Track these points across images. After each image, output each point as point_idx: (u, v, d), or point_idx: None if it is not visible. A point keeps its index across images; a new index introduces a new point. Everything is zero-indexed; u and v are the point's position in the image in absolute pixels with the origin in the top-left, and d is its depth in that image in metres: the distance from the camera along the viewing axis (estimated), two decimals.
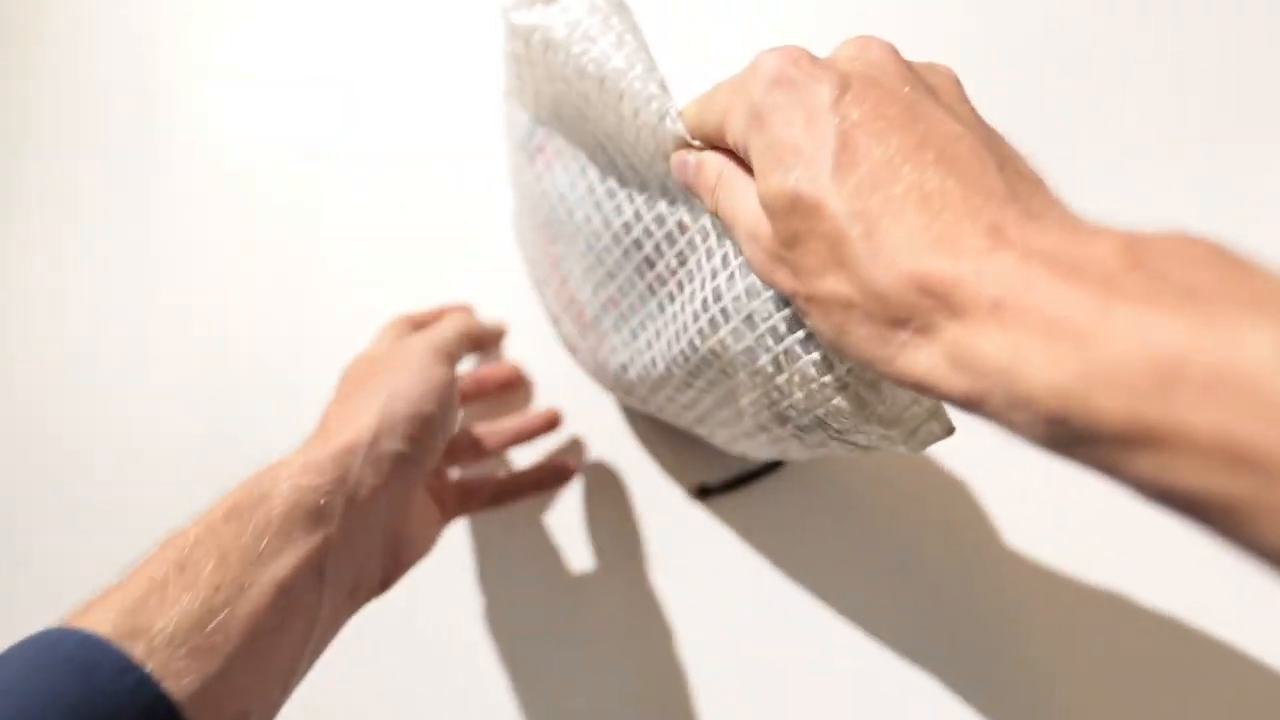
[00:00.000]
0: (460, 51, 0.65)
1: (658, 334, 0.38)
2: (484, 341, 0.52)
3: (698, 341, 0.34)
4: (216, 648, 0.28)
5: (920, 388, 0.23)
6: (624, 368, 0.42)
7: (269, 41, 0.69)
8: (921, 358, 0.22)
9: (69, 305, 0.64)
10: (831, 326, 0.25)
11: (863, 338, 0.24)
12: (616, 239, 0.38)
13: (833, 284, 0.24)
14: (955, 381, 0.21)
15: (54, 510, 0.59)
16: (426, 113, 0.66)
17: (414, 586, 0.42)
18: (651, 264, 0.37)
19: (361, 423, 0.36)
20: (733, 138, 0.27)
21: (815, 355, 0.29)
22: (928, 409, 0.30)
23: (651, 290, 0.38)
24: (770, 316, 0.30)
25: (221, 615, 0.29)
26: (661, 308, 0.38)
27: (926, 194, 0.22)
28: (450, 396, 0.40)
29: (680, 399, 0.41)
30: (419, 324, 0.49)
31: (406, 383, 0.38)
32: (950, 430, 0.30)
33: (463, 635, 0.53)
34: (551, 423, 0.53)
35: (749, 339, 0.31)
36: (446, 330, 0.44)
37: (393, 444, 0.36)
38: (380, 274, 0.60)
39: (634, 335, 0.41)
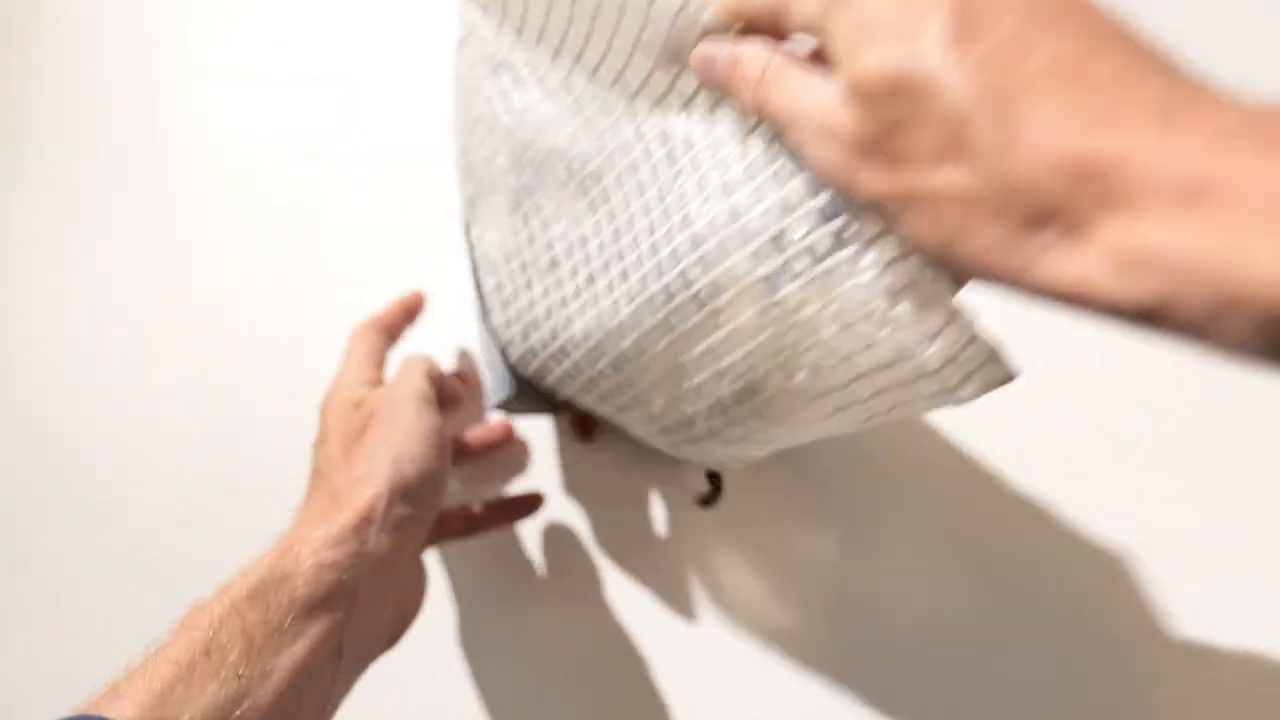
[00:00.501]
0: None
1: (625, 273, 0.33)
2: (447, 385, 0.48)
3: (693, 273, 0.29)
4: None
5: (1069, 299, 0.19)
6: (558, 329, 0.37)
7: (269, 41, 0.69)
8: (1072, 262, 0.19)
9: (69, 305, 0.64)
10: (941, 232, 0.21)
11: (986, 243, 0.20)
12: (610, 160, 0.33)
13: (948, 177, 0.20)
14: (1124, 288, 0.18)
15: (54, 510, 0.59)
16: (426, 113, 0.66)
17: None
18: (643, 189, 0.32)
19: (375, 489, 0.35)
20: (801, 18, 0.24)
21: (866, 277, 0.25)
22: (986, 350, 0.25)
23: (631, 222, 0.32)
24: (807, 234, 0.26)
25: (246, 704, 0.29)
26: (638, 241, 0.32)
27: (1071, 69, 0.19)
28: (446, 448, 0.39)
29: (618, 372, 0.35)
30: (389, 327, 0.46)
31: (407, 440, 0.37)
32: (1010, 376, 0.26)
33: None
34: (534, 505, 0.50)
35: (772, 263, 0.27)
36: (420, 376, 0.41)
37: (405, 509, 0.35)
38: (380, 274, 0.60)
39: (591, 281, 0.35)
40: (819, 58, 0.25)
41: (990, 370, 0.25)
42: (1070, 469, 0.49)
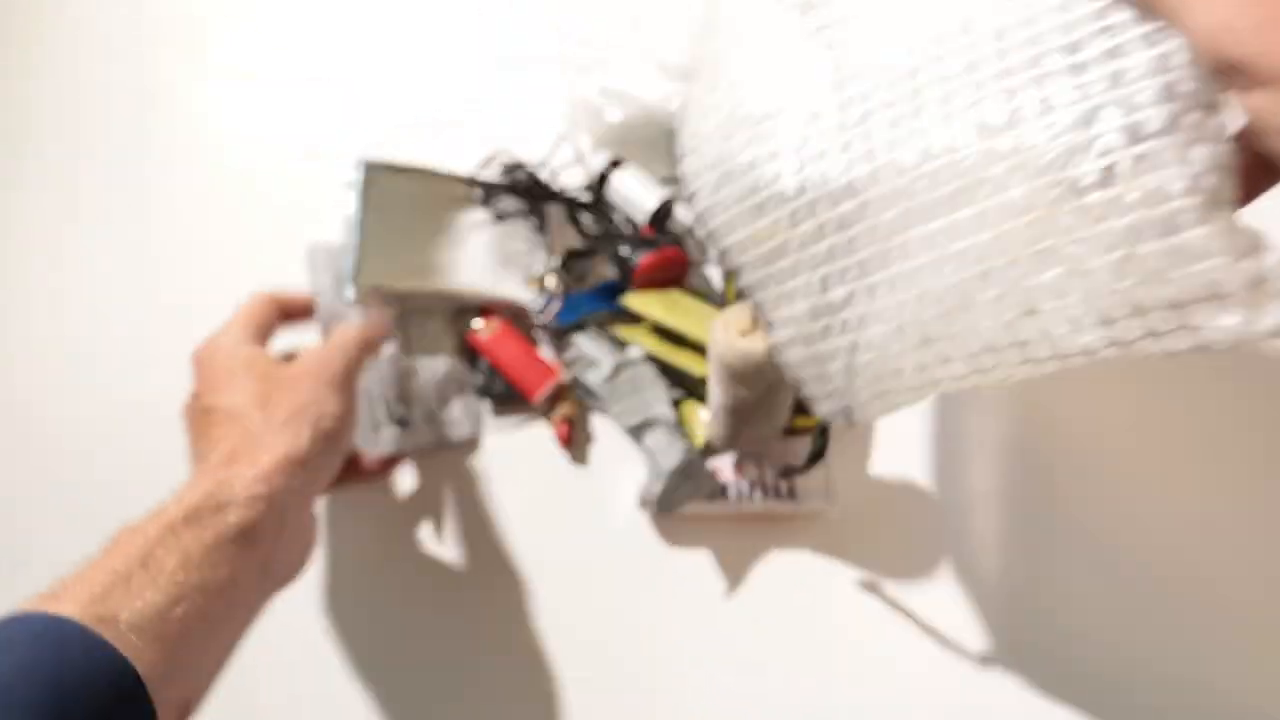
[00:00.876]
0: (463, 49, 0.65)
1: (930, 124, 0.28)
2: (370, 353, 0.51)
3: (966, 139, 0.26)
4: (173, 636, 0.31)
5: None
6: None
7: (269, 41, 0.69)
8: None
9: (69, 305, 0.64)
10: None
11: None
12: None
13: None
14: None
15: (54, 510, 0.59)
16: (425, 113, 0.66)
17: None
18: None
19: (300, 435, 0.39)
20: None
21: (1189, 169, 0.22)
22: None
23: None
24: (1132, 112, 0.23)
25: (180, 609, 0.31)
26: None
27: None
28: (353, 416, 0.44)
29: (841, 231, 0.31)
30: (286, 307, 0.50)
31: (329, 399, 0.42)
32: None
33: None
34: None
35: (1075, 137, 0.24)
36: (350, 349, 0.46)
37: (326, 458, 0.41)
38: None
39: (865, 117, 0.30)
40: None
41: None
42: None
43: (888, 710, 0.55)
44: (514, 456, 0.59)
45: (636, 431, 0.55)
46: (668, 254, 0.57)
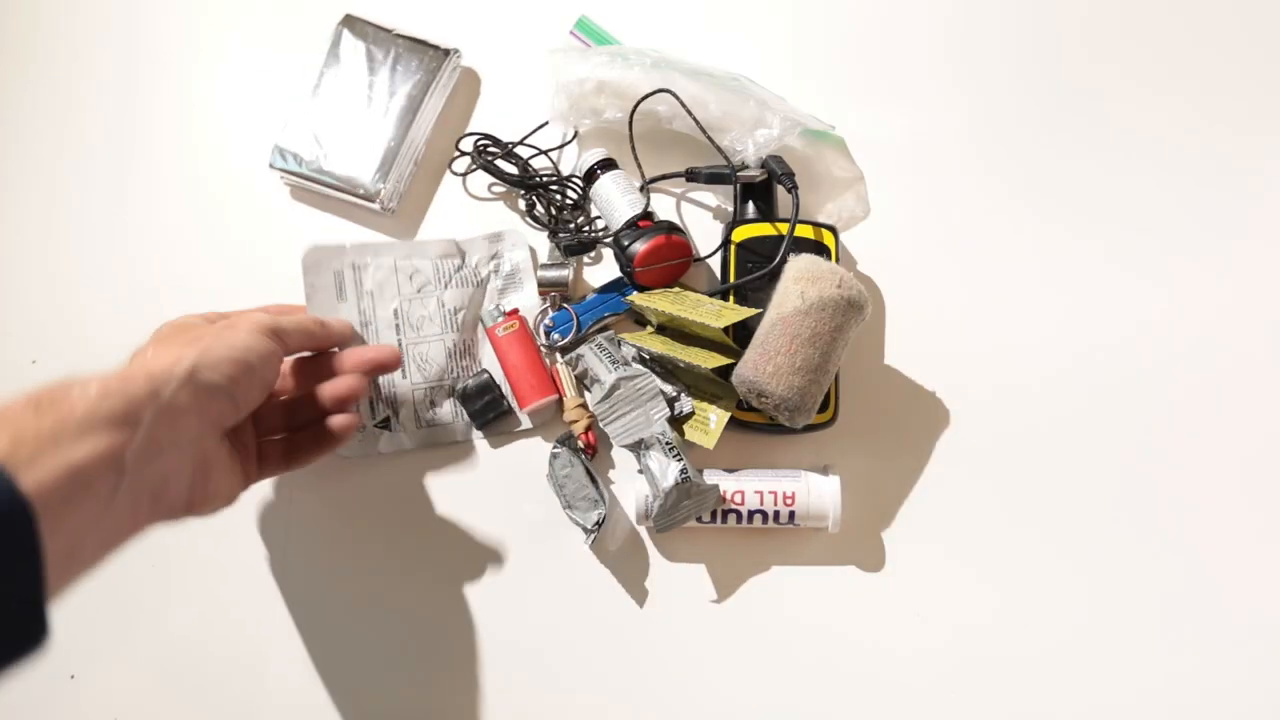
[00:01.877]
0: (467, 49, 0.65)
1: None
2: (323, 343, 0.52)
3: None
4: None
5: None
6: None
7: (268, 40, 0.69)
8: None
9: (69, 305, 0.63)
10: None
11: None
12: None
13: None
14: None
15: None
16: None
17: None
18: None
19: (179, 354, 0.40)
20: None
21: None
22: None
23: None
24: None
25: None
26: None
27: None
28: (271, 360, 0.45)
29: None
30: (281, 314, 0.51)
31: (230, 338, 0.43)
32: None
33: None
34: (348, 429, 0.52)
35: None
36: (284, 318, 0.48)
37: (211, 376, 0.40)
38: None
39: None
40: None
41: None
42: None
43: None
44: (509, 463, 0.60)
45: (635, 449, 0.55)
46: (668, 240, 0.57)
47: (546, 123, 0.64)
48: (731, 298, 0.58)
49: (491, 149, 0.63)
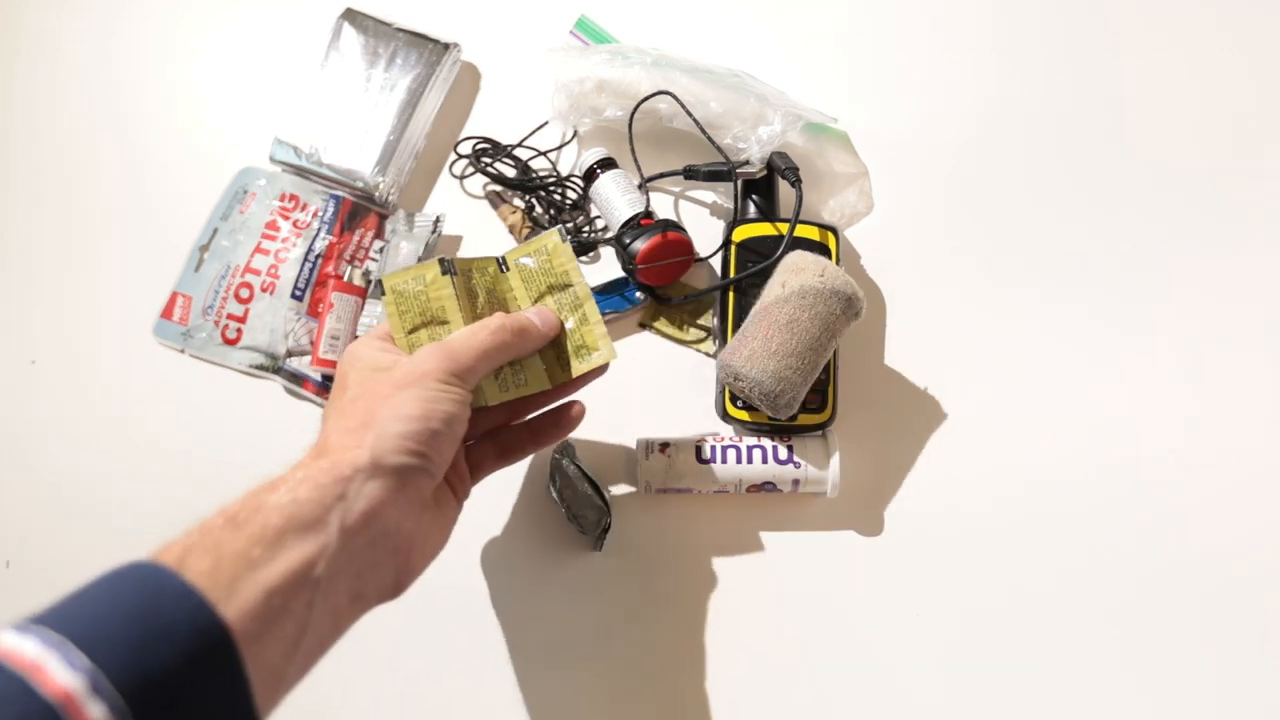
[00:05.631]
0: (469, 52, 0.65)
1: None
2: (523, 353, 0.46)
3: None
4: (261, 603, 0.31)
5: None
6: None
7: (269, 33, 0.68)
8: None
9: (69, 305, 0.63)
10: None
11: None
12: None
13: None
14: None
15: (53, 510, 0.58)
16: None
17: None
18: None
19: (360, 441, 0.37)
20: None
21: None
22: None
23: None
24: None
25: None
26: None
27: None
28: (458, 416, 0.39)
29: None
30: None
31: (407, 404, 0.38)
32: None
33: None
34: (570, 420, 0.49)
35: None
36: (466, 352, 0.41)
37: (395, 459, 0.37)
38: None
39: None
40: None
41: None
42: None
43: (885, 696, 0.55)
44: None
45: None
46: (670, 238, 0.57)
47: (546, 122, 0.64)
48: (732, 294, 0.58)
49: (489, 153, 0.63)
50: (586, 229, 0.63)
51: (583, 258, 0.62)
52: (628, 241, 0.57)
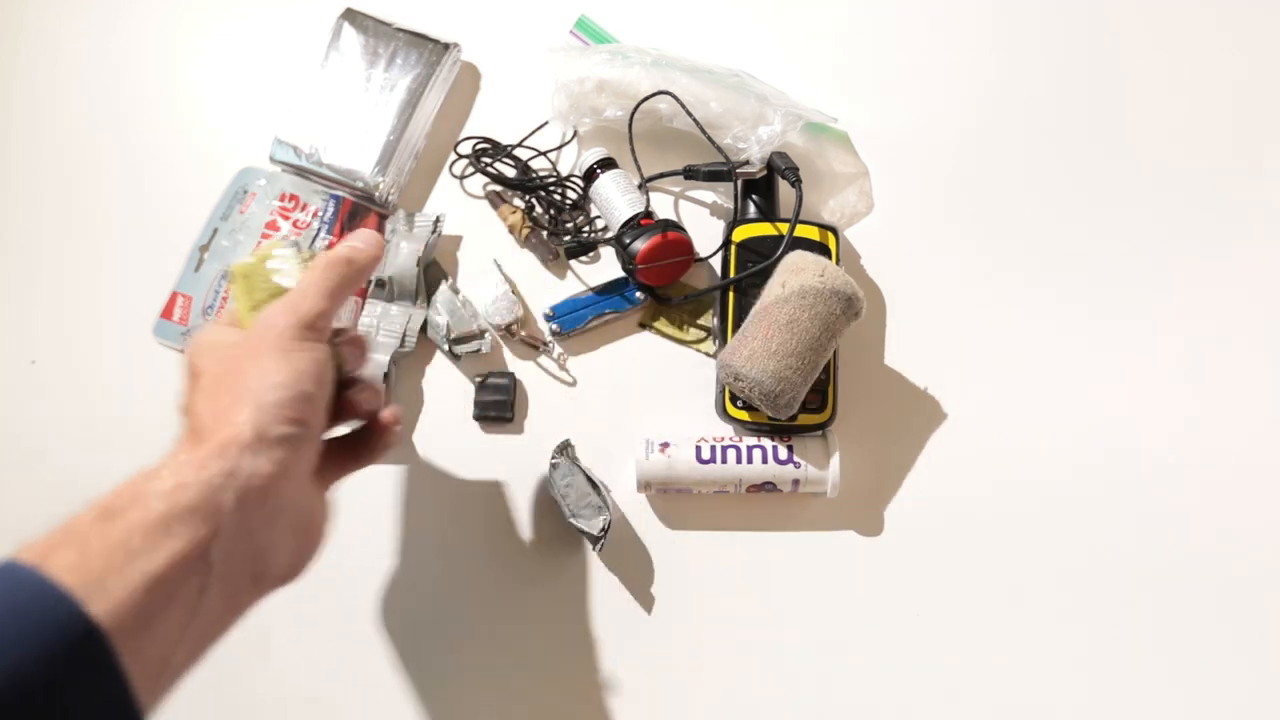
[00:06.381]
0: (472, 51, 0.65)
1: None
2: (359, 280, 0.43)
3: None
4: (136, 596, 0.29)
5: None
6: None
7: (269, 33, 0.68)
8: None
9: (69, 305, 0.63)
10: None
11: None
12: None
13: None
14: None
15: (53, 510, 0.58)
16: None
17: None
18: None
19: (239, 416, 0.35)
20: None
21: None
22: None
23: None
24: None
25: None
26: None
27: None
28: (323, 371, 0.38)
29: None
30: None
31: (274, 370, 0.37)
32: None
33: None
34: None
35: None
36: (307, 296, 0.40)
37: (278, 430, 0.35)
38: None
39: None
40: None
41: None
42: None
43: (886, 688, 0.55)
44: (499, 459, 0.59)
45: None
46: (671, 238, 0.57)
47: (546, 122, 0.64)
48: (732, 294, 0.58)
49: (489, 153, 0.63)
50: (586, 229, 0.63)
51: (583, 258, 0.62)
52: (628, 241, 0.57)
